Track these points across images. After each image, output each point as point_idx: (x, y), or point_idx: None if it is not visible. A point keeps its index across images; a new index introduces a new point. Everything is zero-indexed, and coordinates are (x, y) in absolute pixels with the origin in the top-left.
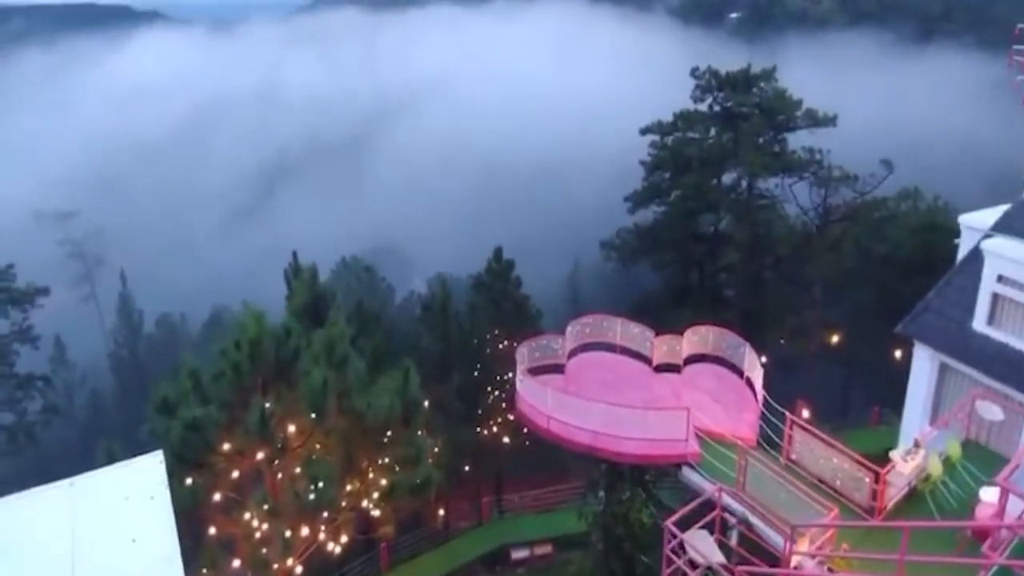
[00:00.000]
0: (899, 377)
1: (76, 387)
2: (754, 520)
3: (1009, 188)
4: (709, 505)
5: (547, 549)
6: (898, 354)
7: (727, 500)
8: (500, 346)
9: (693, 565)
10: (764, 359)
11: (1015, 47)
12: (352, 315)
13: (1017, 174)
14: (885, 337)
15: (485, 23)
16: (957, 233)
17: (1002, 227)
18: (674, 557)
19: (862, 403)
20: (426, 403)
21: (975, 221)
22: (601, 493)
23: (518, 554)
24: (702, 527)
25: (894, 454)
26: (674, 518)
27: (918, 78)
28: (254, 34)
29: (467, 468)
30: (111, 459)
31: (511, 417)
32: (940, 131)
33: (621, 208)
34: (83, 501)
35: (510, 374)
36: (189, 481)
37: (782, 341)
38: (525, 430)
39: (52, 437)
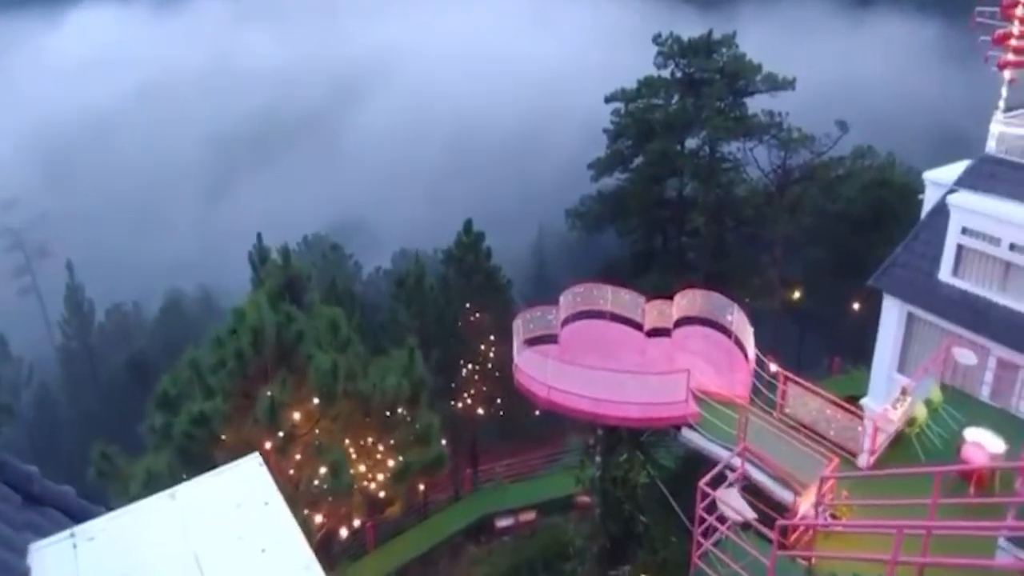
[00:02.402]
0: (854, 328)
1: (22, 383)
2: (758, 475)
3: (951, 143)
4: (713, 463)
5: (531, 516)
6: (856, 306)
7: (726, 456)
8: (472, 318)
9: (721, 521)
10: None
11: (978, 9)
12: (326, 295)
13: (958, 130)
14: (839, 291)
15: None
16: (907, 189)
17: (965, 182)
18: (705, 515)
19: (818, 354)
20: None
21: (939, 177)
22: (598, 458)
23: (503, 523)
24: (707, 483)
25: (865, 401)
26: (706, 478)
27: (861, 41)
28: (203, 9)
29: (444, 442)
30: (106, 459)
31: (484, 389)
32: (884, 91)
33: (584, 176)
34: (193, 513)
35: (483, 346)
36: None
37: (747, 300)
38: (499, 400)
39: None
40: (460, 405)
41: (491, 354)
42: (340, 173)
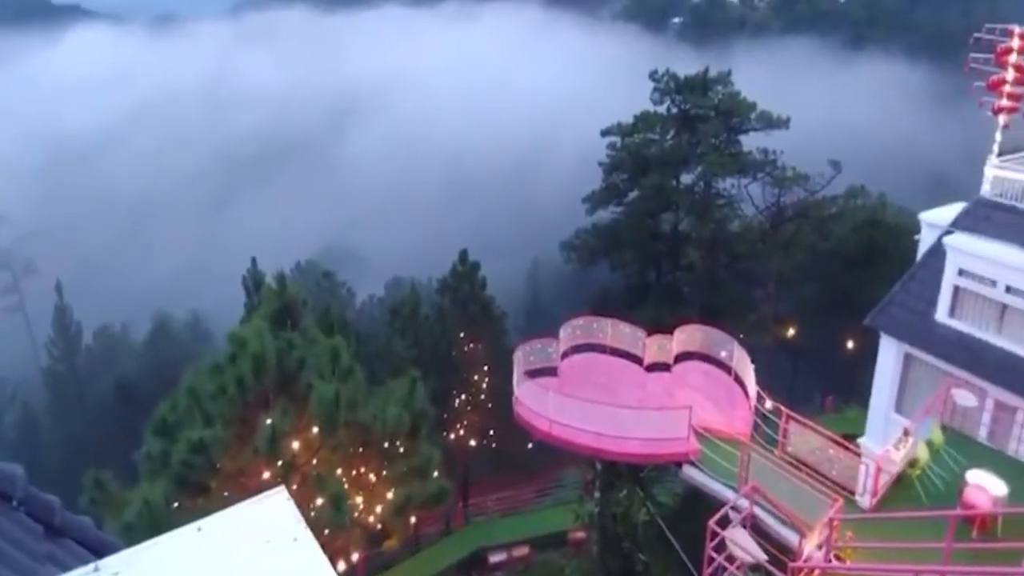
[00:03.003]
0: (846, 366)
1: (6, 404)
2: (761, 514)
3: (939, 184)
4: (714, 500)
5: (524, 551)
6: (849, 344)
7: (730, 496)
8: (466, 349)
9: (730, 560)
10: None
11: (972, 55)
12: (320, 322)
13: (946, 172)
14: (831, 328)
15: (438, 25)
16: (898, 229)
17: (961, 224)
18: (714, 555)
19: (810, 391)
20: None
21: (934, 218)
22: (597, 493)
23: (495, 558)
24: (716, 523)
25: (863, 441)
26: (715, 518)
27: (851, 82)
28: (198, 31)
29: (436, 474)
30: (98, 485)
31: (477, 420)
32: (874, 132)
33: (579, 208)
34: (221, 549)
35: (476, 376)
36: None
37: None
38: (492, 432)
39: None
40: (452, 436)
41: (484, 385)
42: (333, 198)
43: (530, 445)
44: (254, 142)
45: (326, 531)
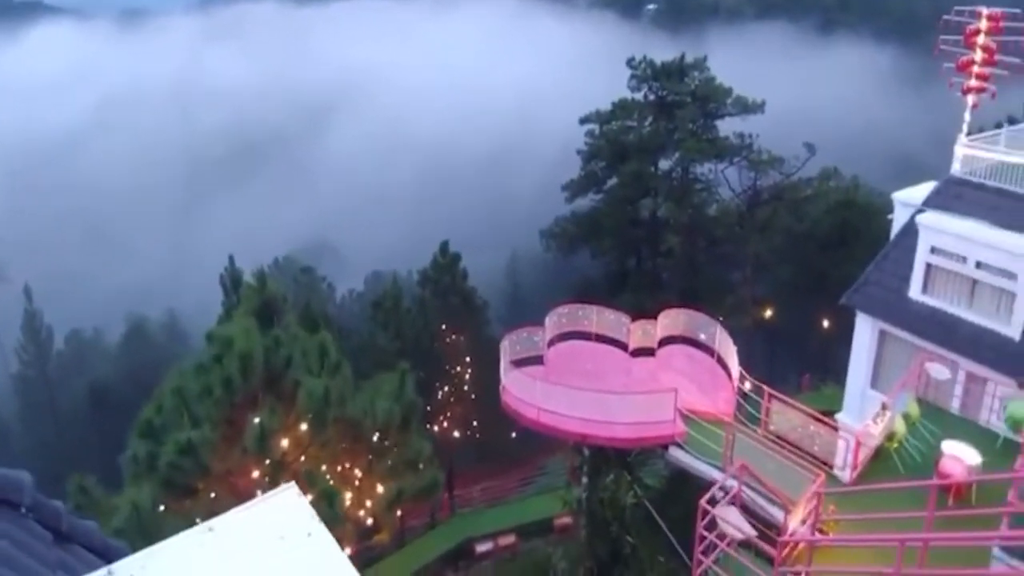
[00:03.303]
0: (821, 345)
1: None
2: (747, 492)
3: (908, 164)
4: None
5: (511, 540)
6: (825, 324)
7: (717, 476)
8: (448, 340)
9: (720, 538)
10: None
11: (941, 37)
12: (301, 318)
13: (914, 151)
14: (807, 308)
15: (413, 16)
16: (871, 209)
17: (933, 203)
18: (706, 533)
19: (787, 371)
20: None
21: (907, 198)
22: (584, 479)
23: (482, 547)
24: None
25: (840, 416)
26: (706, 496)
27: (823, 67)
28: (165, 26)
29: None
30: (83, 491)
31: (460, 411)
32: (843, 115)
33: (557, 198)
34: (235, 547)
35: (459, 368)
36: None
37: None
38: (475, 423)
39: None
40: (437, 428)
41: (467, 376)
42: (308, 195)
43: (514, 434)
44: (226, 139)
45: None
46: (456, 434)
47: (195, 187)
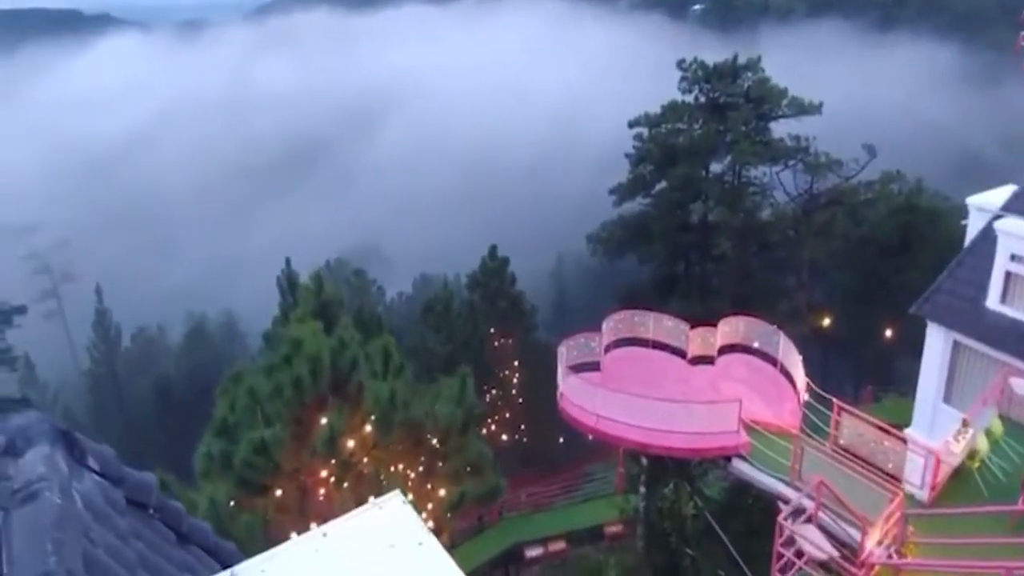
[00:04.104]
0: (881, 355)
1: (48, 409)
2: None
3: (974, 167)
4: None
5: (561, 546)
6: (887, 333)
7: (783, 489)
8: (496, 344)
9: (799, 555)
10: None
11: (1022, 33)
12: (356, 321)
13: (979, 152)
14: (866, 316)
15: (457, 22)
16: (935, 213)
17: (1012, 207)
18: (783, 551)
19: (841, 381)
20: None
21: (983, 202)
22: (642, 488)
23: (532, 552)
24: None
25: (910, 431)
26: (785, 512)
27: (881, 65)
28: (221, 36)
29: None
30: (164, 487)
31: (508, 415)
32: (904, 115)
33: (603, 202)
34: (348, 553)
35: (507, 372)
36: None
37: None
38: (522, 426)
39: None
40: (484, 432)
41: (514, 380)
42: (356, 198)
43: (561, 439)
44: (278, 145)
45: None
46: (504, 437)
47: (248, 191)
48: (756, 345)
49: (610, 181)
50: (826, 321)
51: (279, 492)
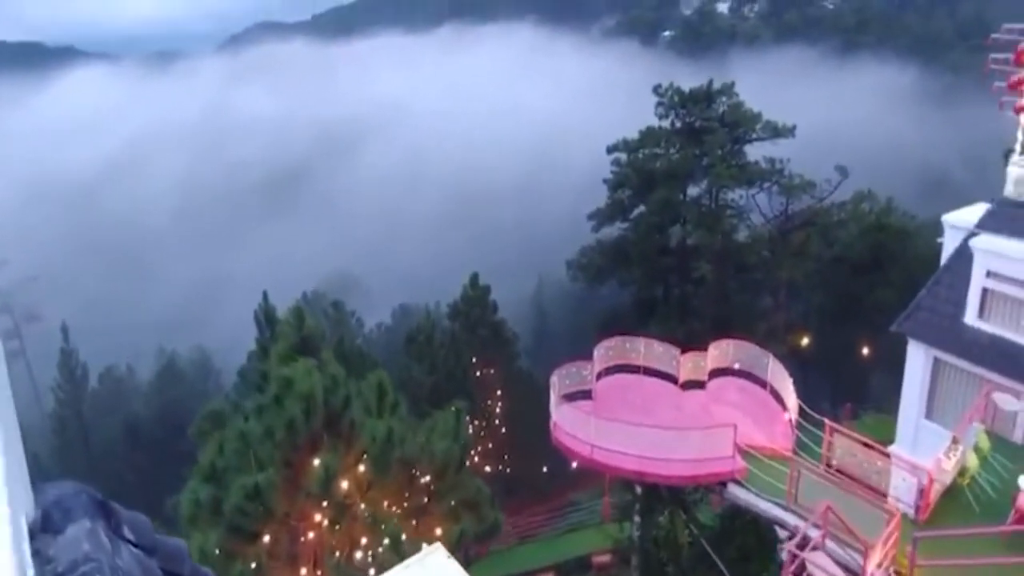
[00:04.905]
0: (858, 373)
1: None
2: (814, 533)
3: (938, 186)
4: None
5: None
6: (863, 351)
7: (780, 513)
8: (479, 373)
9: None
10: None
11: (992, 56)
12: (336, 355)
13: (942, 173)
14: (840, 335)
15: (435, 50)
16: (904, 232)
17: (987, 225)
18: None
19: (818, 400)
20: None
21: (957, 220)
22: (637, 518)
23: None
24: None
25: (894, 449)
26: (795, 540)
27: (846, 88)
28: (194, 66)
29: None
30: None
31: (491, 445)
32: (870, 136)
33: (581, 227)
34: None
35: (489, 401)
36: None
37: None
38: (506, 456)
39: None
40: (468, 463)
41: (497, 409)
42: (333, 228)
43: (545, 469)
44: (253, 175)
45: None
46: (487, 468)
47: (224, 222)
48: (746, 368)
49: (589, 206)
50: (804, 340)
51: (269, 538)
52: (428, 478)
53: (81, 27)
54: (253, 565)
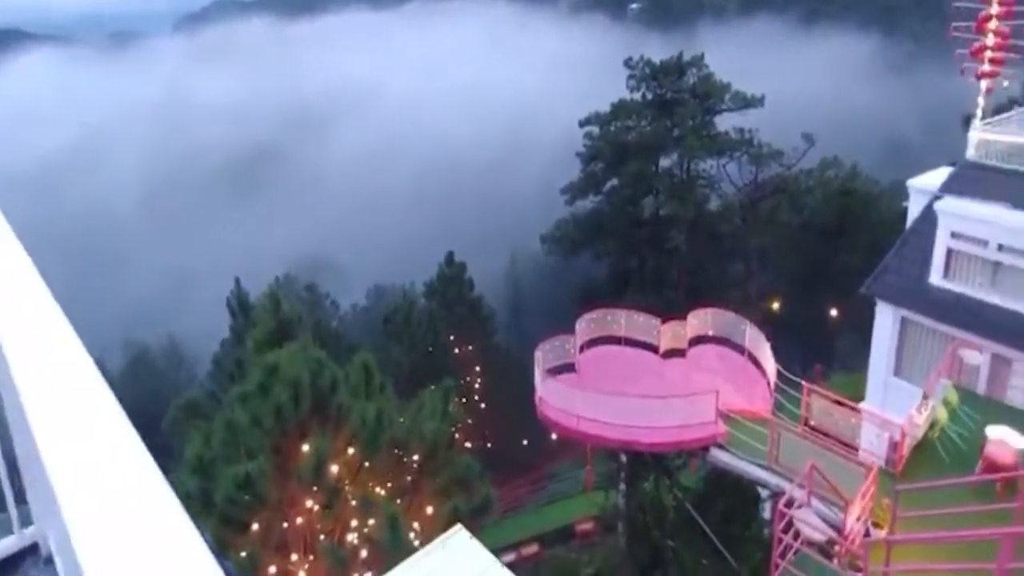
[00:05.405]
0: (827, 334)
1: None
2: (797, 491)
3: (900, 151)
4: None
5: (534, 549)
6: (832, 313)
7: (762, 474)
8: (457, 351)
9: (795, 538)
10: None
11: (954, 24)
12: (313, 338)
13: (903, 139)
14: (809, 298)
15: (402, 27)
16: (869, 196)
17: (950, 188)
18: (783, 536)
19: (790, 362)
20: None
21: (923, 184)
22: (622, 485)
23: (505, 558)
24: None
25: (864, 405)
26: (785, 498)
27: (811, 58)
28: (152, 47)
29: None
30: None
31: (471, 422)
32: (834, 104)
33: (554, 201)
34: None
35: (468, 378)
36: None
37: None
38: (487, 431)
39: None
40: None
41: (476, 386)
42: (305, 209)
43: (525, 442)
44: (220, 158)
45: (381, 556)
46: (468, 444)
47: (191, 207)
48: (725, 335)
49: (562, 180)
50: (775, 305)
51: (259, 527)
52: (417, 457)
53: (28, 8)
54: (244, 554)
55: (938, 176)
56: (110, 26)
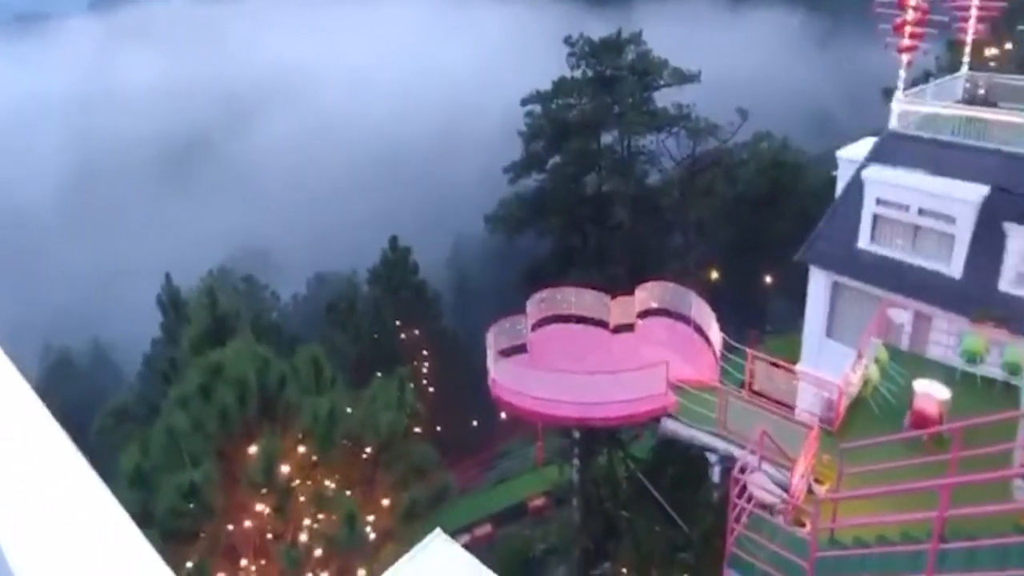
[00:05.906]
0: (760, 300)
1: None
2: (742, 454)
3: (825, 122)
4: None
5: (487, 528)
6: (766, 280)
7: (711, 441)
8: (403, 336)
9: (748, 501)
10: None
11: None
12: (252, 331)
13: (828, 111)
14: (743, 267)
15: (336, 8)
16: (798, 167)
17: (875, 157)
18: (738, 501)
19: (728, 328)
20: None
21: (850, 155)
22: (576, 460)
23: (459, 540)
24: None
25: (800, 367)
26: (739, 464)
27: (740, 35)
28: (64, 30)
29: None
30: None
31: (419, 407)
32: (764, 79)
33: (499, 181)
34: None
35: (415, 362)
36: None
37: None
38: (435, 415)
39: None
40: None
41: (423, 370)
42: (236, 199)
43: (475, 423)
44: (143, 147)
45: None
46: (417, 429)
47: (113, 202)
48: (671, 307)
49: (504, 160)
50: (713, 275)
51: (206, 535)
52: (370, 450)
53: None
54: (191, 564)
55: (864, 146)
56: (15, 7)
